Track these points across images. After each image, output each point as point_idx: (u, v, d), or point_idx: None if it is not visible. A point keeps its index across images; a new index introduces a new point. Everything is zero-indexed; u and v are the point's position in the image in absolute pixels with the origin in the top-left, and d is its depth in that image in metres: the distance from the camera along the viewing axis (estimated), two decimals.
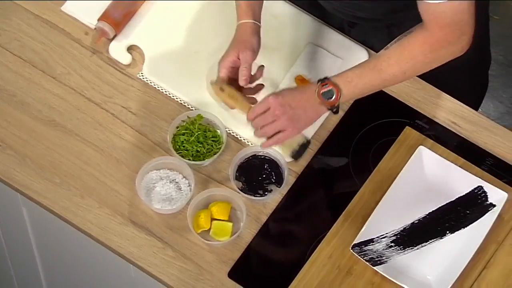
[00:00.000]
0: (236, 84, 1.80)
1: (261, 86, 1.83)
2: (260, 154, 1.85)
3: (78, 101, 1.91)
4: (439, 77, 1.86)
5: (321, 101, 1.69)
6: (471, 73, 2.06)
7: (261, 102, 1.72)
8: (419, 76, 1.93)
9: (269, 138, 1.74)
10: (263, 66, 1.83)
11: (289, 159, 1.80)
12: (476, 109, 1.98)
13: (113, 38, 1.95)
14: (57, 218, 1.84)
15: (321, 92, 1.68)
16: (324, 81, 1.69)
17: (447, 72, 1.87)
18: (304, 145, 1.78)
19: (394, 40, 1.70)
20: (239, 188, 1.82)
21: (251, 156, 1.84)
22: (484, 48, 2.06)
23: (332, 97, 1.68)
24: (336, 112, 1.71)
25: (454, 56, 1.68)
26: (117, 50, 1.94)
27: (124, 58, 1.94)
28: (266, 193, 1.82)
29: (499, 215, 1.78)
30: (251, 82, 1.81)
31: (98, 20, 1.94)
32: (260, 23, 1.81)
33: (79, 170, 1.85)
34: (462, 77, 2.02)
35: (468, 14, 1.62)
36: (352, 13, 1.89)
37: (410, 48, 1.67)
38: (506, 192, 1.79)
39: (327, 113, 1.75)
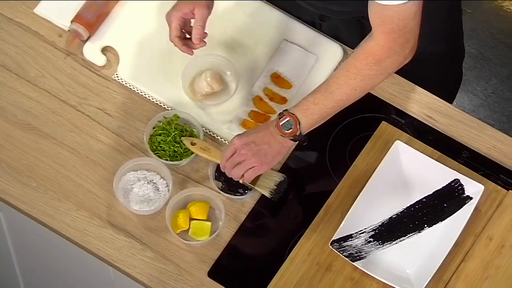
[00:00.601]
0: (185, 39, 1.79)
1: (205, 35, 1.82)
2: None
3: (53, 104, 1.90)
4: (413, 71, 1.87)
5: (282, 133, 1.70)
6: (444, 66, 2.07)
7: (228, 147, 1.74)
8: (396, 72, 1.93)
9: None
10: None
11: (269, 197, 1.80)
12: (451, 103, 1.99)
13: (87, 40, 1.94)
14: (35, 222, 1.83)
15: (280, 124, 1.70)
16: (282, 113, 1.70)
17: (421, 66, 1.88)
18: (282, 183, 1.79)
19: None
20: (219, 188, 1.81)
21: None
22: (457, 41, 2.07)
23: (291, 128, 1.69)
24: (304, 142, 1.73)
25: (399, 66, 1.68)
26: (92, 52, 1.94)
27: (99, 59, 1.93)
28: (246, 191, 1.82)
29: (476, 208, 1.79)
30: (201, 39, 1.81)
31: (72, 22, 1.93)
32: None
33: (56, 173, 1.84)
34: (436, 71, 2.03)
35: (414, 21, 1.62)
36: (324, 6, 1.89)
37: (356, 63, 1.67)
38: (483, 185, 1.80)
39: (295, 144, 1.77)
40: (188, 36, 1.83)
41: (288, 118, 1.69)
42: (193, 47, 1.82)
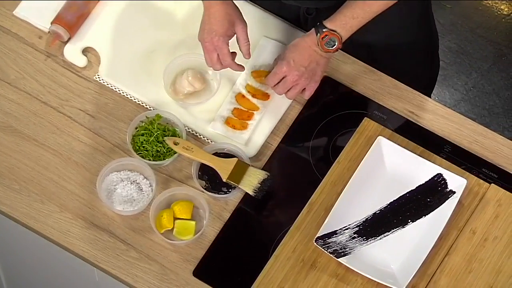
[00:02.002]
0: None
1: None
2: (221, 151, 1.85)
3: (34, 105, 1.89)
4: (390, 64, 1.88)
5: (326, 51, 1.78)
6: (420, 54, 2.06)
7: (276, 73, 1.82)
8: (375, 66, 1.94)
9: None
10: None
11: (252, 194, 1.80)
12: (431, 91, 1.99)
13: (67, 41, 1.93)
14: (18, 225, 1.82)
15: (324, 44, 1.76)
16: (322, 31, 1.76)
17: (396, 57, 1.89)
18: (265, 181, 1.79)
19: None
20: (202, 187, 1.81)
21: (212, 154, 1.83)
22: (429, 29, 2.06)
23: (335, 45, 1.77)
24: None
25: None
26: (72, 53, 1.93)
27: (80, 60, 1.93)
28: (230, 190, 1.82)
29: (459, 202, 1.80)
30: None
31: (52, 23, 1.92)
32: None
33: (38, 175, 1.83)
34: (412, 60, 2.04)
35: None
36: None
37: None
38: (465, 179, 1.81)
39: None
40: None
41: (331, 37, 1.76)
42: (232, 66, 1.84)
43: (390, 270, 1.76)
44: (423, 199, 1.81)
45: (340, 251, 1.76)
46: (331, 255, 1.75)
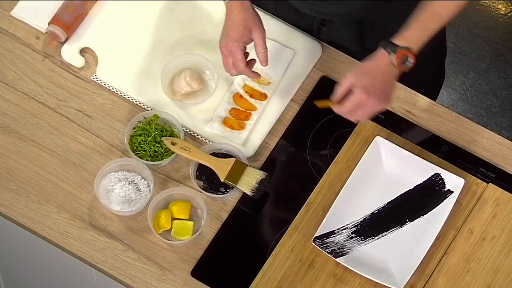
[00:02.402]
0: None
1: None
2: (219, 151, 1.85)
3: (32, 106, 1.89)
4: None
5: (402, 70, 1.69)
6: (427, 63, 2.07)
7: (355, 101, 1.69)
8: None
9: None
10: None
11: (250, 194, 1.80)
12: (434, 100, 1.99)
13: (65, 41, 1.93)
14: (16, 225, 1.82)
15: (400, 64, 1.68)
16: (394, 50, 1.68)
17: None
18: (263, 181, 1.79)
19: None
20: (200, 187, 1.81)
21: (210, 154, 1.83)
22: (439, 39, 2.08)
23: (411, 62, 1.68)
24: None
25: None
26: (70, 53, 1.93)
27: (77, 61, 1.93)
28: (228, 190, 1.82)
29: (457, 201, 1.80)
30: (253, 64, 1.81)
31: (49, 23, 1.92)
32: None
33: (36, 176, 1.83)
34: (418, 68, 2.04)
35: None
36: (326, 10, 1.88)
37: None
38: (463, 178, 1.81)
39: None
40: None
41: (407, 55, 1.68)
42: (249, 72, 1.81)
43: (388, 269, 1.76)
44: (421, 198, 1.81)
45: (338, 251, 1.76)
46: (329, 255, 1.75)
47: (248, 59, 1.81)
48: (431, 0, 1.68)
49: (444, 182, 1.81)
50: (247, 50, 1.80)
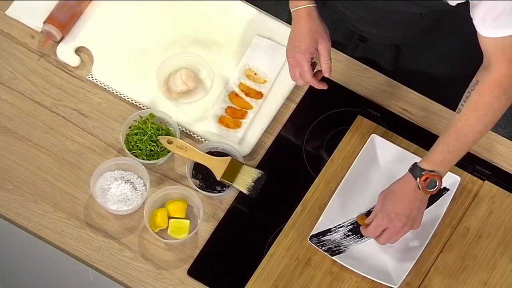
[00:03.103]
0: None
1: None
2: (215, 150, 1.84)
3: (28, 105, 1.89)
4: (439, 92, 1.87)
5: (428, 193, 1.69)
6: (460, 81, 2.04)
7: (378, 226, 1.71)
8: (371, 66, 1.94)
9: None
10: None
11: (246, 192, 1.80)
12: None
13: (60, 41, 1.93)
14: (12, 225, 1.82)
15: (426, 187, 1.67)
16: (421, 175, 1.67)
17: (443, 86, 1.87)
18: (259, 179, 1.79)
19: (462, 99, 1.66)
20: (196, 186, 1.81)
21: (206, 153, 1.83)
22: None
23: (437, 185, 1.68)
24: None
25: None
26: (65, 53, 1.93)
27: (73, 60, 1.92)
28: (224, 188, 1.82)
29: (453, 199, 1.80)
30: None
31: (44, 23, 1.92)
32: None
33: (32, 175, 1.83)
34: (453, 88, 2.00)
35: None
36: (368, 30, 1.88)
37: (484, 99, 1.63)
38: (459, 176, 1.81)
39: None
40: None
41: (432, 178, 1.67)
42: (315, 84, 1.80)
43: (384, 267, 1.76)
44: None
45: (334, 249, 1.76)
46: (325, 253, 1.75)
47: (315, 70, 1.80)
48: (457, 120, 1.65)
49: None
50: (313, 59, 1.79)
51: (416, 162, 1.69)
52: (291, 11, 1.78)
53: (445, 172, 1.69)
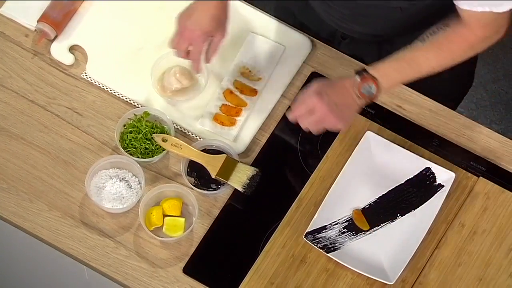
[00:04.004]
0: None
1: None
2: (209, 148, 1.84)
3: (22, 104, 1.88)
4: (424, 84, 1.87)
5: (361, 96, 1.69)
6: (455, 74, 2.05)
7: (306, 103, 1.70)
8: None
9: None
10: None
11: (241, 190, 1.80)
12: (455, 108, 1.97)
13: (54, 39, 1.93)
14: (6, 224, 1.81)
15: (361, 88, 1.68)
16: (361, 75, 1.68)
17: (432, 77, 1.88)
18: (254, 177, 1.79)
19: (429, 32, 1.69)
20: (191, 184, 1.81)
21: (201, 151, 1.83)
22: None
23: (371, 93, 1.69)
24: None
25: (489, 47, 1.69)
26: (59, 51, 1.92)
27: (67, 58, 1.92)
28: (219, 186, 1.82)
29: (448, 195, 1.81)
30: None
31: (38, 21, 1.91)
32: None
33: (27, 174, 1.83)
34: (447, 80, 2.01)
35: (510, 11, 1.62)
36: (349, 27, 1.88)
37: (451, 45, 1.66)
38: (453, 172, 1.81)
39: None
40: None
41: (371, 84, 1.68)
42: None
43: (379, 264, 1.76)
44: (412, 193, 1.82)
45: (329, 246, 1.76)
46: (321, 250, 1.76)
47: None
48: (417, 48, 1.69)
49: (435, 176, 1.82)
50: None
51: (365, 68, 1.70)
52: None
53: (385, 87, 1.69)
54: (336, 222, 1.79)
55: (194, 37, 1.79)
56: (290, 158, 1.86)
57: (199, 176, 1.82)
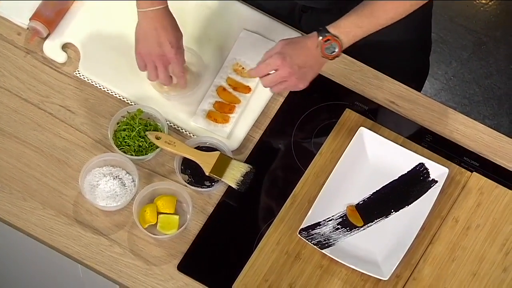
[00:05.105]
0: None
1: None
2: (203, 145, 1.84)
3: (15, 102, 1.88)
4: (381, 60, 1.88)
5: (325, 55, 1.73)
6: (412, 55, 2.07)
7: (269, 64, 1.74)
8: (357, 58, 1.94)
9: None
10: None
11: (235, 187, 1.80)
12: (422, 83, 1.99)
13: (46, 37, 1.92)
14: (0, 222, 1.81)
15: (324, 49, 1.72)
16: (324, 35, 1.72)
17: (388, 55, 1.88)
18: (248, 174, 1.79)
19: None
20: (185, 181, 1.81)
21: (195, 148, 1.83)
22: (426, 32, 2.08)
23: (334, 51, 1.72)
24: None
25: None
26: (52, 49, 1.92)
27: (59, 56, 1.92)
28: (213, 183, 1.82)
29: (441, 190, 1.81)
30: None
31: (30, 19, 1.91)
32: None
33: (20, 173, 1.82)
34: (403, 59, 2.04)
35: None
36: None
37: None
38: (447, 168, 1.82)
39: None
40: None
41: (332, 43, 1.71)
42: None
43: (374, 260, 1.76)
44: (406, 189, 1.82)
45: (324, 242, 1.77)
46: (315, 246, 1.76)
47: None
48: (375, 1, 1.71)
49: (429, 172, 1.82)
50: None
51: (326, 28, 1.74)
52: (137, 10, 1.78)
53: (346, 43, 1.73)
54: (330, 219, 1.79)
55: (155, 65, 1.80)
56: (284, 155, 1.86)
57: (193, 173, 1.82)
